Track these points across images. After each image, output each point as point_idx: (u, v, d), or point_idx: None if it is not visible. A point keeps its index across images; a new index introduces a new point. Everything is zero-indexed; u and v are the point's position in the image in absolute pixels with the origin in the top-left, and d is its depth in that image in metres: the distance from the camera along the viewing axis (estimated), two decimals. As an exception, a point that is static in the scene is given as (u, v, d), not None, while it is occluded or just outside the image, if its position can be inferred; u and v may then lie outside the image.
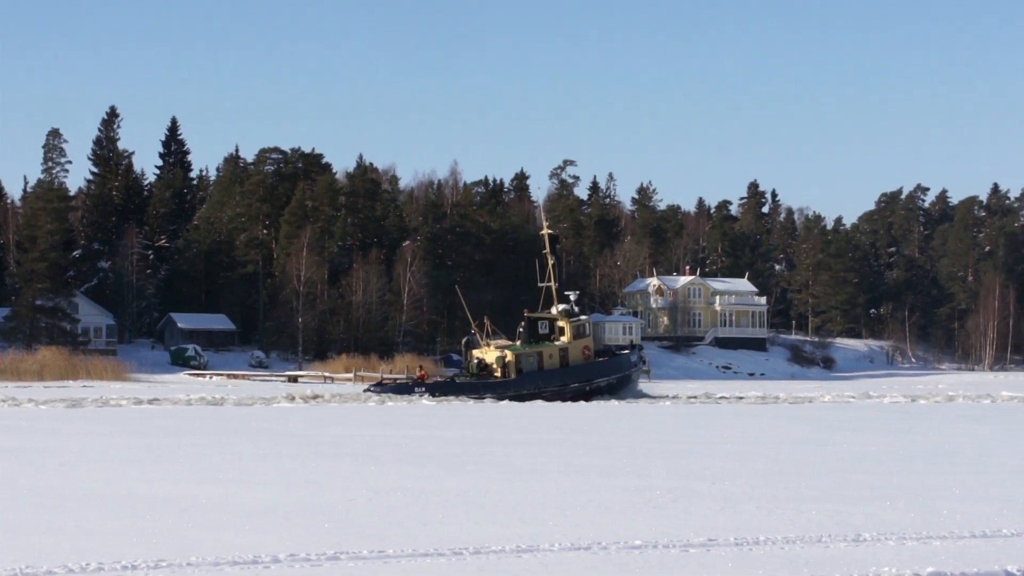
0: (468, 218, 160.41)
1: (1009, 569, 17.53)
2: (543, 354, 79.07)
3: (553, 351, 79.42)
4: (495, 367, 77.90)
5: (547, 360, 79.04)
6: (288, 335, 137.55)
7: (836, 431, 47.70)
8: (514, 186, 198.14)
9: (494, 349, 79.06)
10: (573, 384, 78.44)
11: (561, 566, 17.77)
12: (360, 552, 18.69)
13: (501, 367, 77.70)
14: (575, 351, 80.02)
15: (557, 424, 51.46)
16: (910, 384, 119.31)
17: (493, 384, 76.13)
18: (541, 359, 78.92)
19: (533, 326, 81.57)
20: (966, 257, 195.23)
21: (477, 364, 78.57)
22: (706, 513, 22.97)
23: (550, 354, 79.24)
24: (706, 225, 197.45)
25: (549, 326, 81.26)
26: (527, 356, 78.58)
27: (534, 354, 78.86)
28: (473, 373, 78.32)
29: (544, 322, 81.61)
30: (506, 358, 77.71)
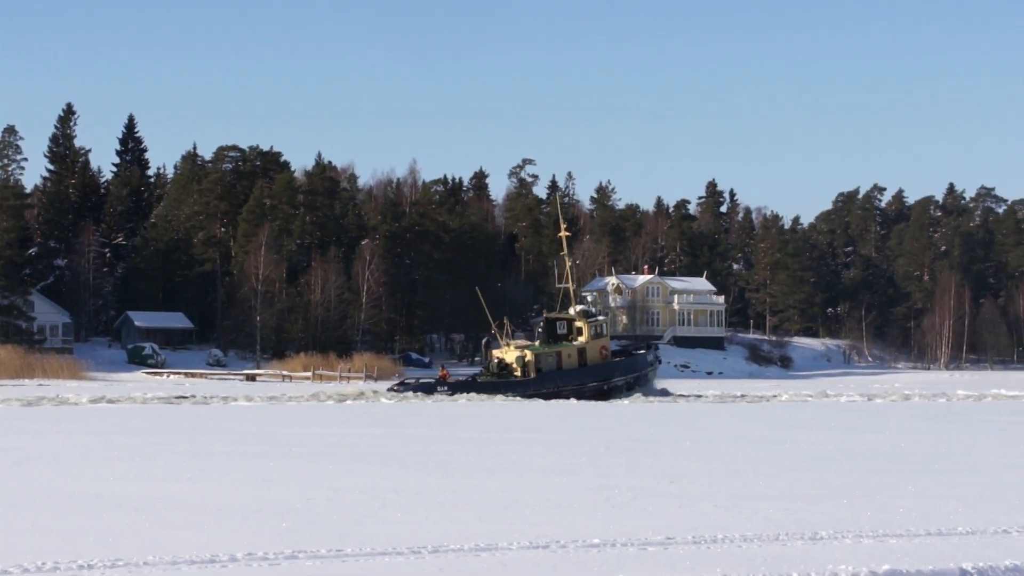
0: (427, 217, 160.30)
1: (964, 567, 17.63)
2: (562, 354, 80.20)
3: (572, 351, 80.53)
4: (515, 367, 78.89)
5: (565, 360, 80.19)
6: (246, 334, 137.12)
7: (793, 430, 47.88)
8: (473, 185, 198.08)
9: (514, 349, 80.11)
10: (591, 383, 79.48)
11: (520, 565, 17.77)
12: (318, 551, 18.65)
13: (521, 367, 78.69)
14: (593, 351, 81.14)
15: (517, 423, 51.46)
16: (867, 383, 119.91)
17: (514, 383, 77.20)
18: (560, 359, 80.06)
19: (552, 326, 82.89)
20: (922, 257, 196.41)
21: (497, 364, 79.78)
22: (664, 512, 23.02)
23: (568, 354, 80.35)
24: (664, 224, 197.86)
25: (567, 326, 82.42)
26: (546, 356, 79.69)
27: (553, 354, 79.96)
28: (493, 373, 79.44)
29: (563, 322, 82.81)
30: (526, 358, 78.83)
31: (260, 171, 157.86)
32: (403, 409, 62.97)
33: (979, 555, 18.62)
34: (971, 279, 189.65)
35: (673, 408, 66.74)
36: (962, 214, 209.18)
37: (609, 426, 49.83)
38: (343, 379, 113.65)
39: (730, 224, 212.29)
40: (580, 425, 50.37)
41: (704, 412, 62.44)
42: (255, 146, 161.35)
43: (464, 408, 64.66)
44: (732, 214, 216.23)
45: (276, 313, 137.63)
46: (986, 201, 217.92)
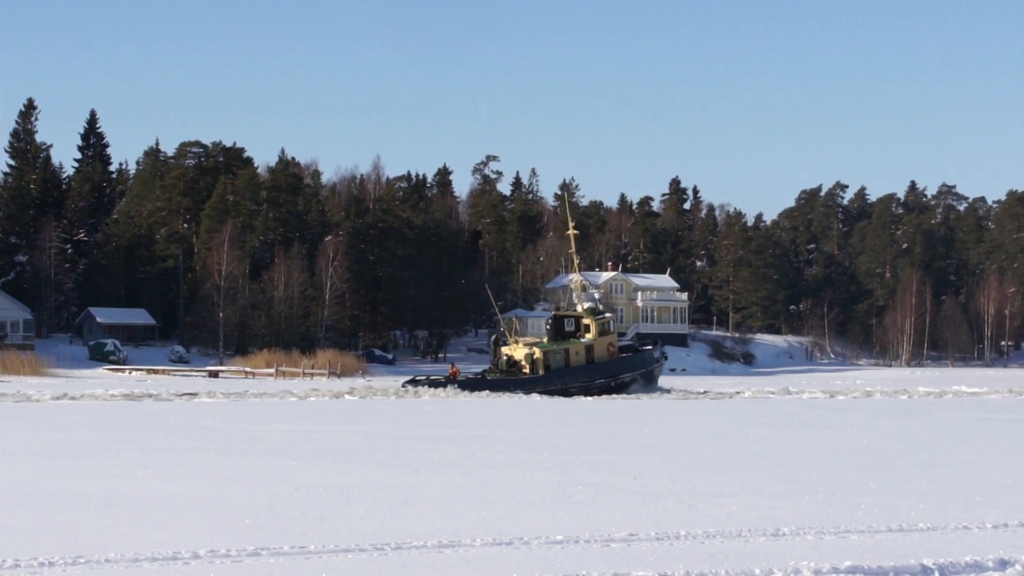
0: (391, 213, 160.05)
1: (925, 563, 17.73)
2: (570, 351, 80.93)
3: (579, 348, 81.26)
4: (524, 364, 79.68)
5: (573, 357, 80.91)
6: (209, 330, 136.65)
7: (756, 426, 48.04)
8: (437, 181, 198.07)
9: (523, 346, 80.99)
10: (599, 380, 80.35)
11: (483, 561, 17.78)
12: (281, 548, 18.61)
13: (530, 364, 79.48)
14: (600, 348, 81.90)
15: (480, 419, 51.46)
16: (829, 380, 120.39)
17: (523, 380, 77.98)
18: (568, 356, 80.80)
19: (560, 323, 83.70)
20: (884, 254, 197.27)
21: (506, 361, 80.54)
22: (627, 508, 23.06)
23: (576, 351, 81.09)
24: (628, 221, 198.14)
25: (575, 323, 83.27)
26: (554, 353, 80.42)
27: (561, 351, 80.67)
28: (503, 370, 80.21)
29: (570, 320, 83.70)
30: (534, 355, 79.57)
31: (223, 167, 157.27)
32: (367, 406, 62.88)
33: (940, 551, 18.73)
34: (932, 276, 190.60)
35: (635, 405, 66.85)
36: (924, 212, 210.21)
37: (572, 423, 49.87)
38: (306, 376, 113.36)
39: (693, 221, 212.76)
40: (544, 422, 50.41)
41: (667, 409, 62.57)
42: (218, 142, 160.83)
43: (429, 405, 64.60)
44: (695, 211, 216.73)
45: (239, 309, 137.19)
46: (947, 199, 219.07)
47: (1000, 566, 17.79)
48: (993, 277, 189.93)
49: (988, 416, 56.59)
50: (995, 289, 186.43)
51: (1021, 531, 20.82)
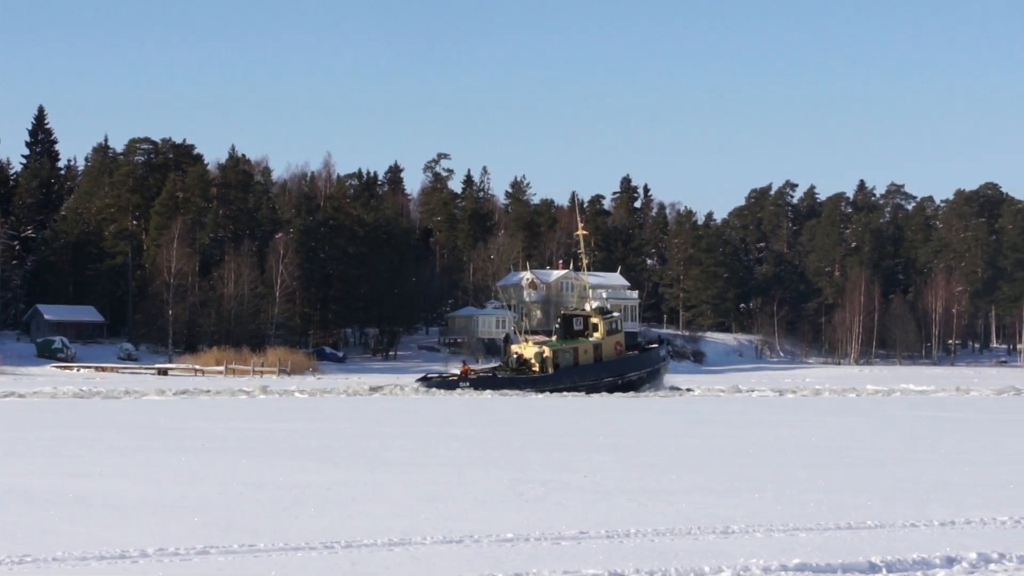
0: (342, 210, 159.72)
1: (873, 560, 17.83)
2: (578, 350, 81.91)
3: (588, 347, 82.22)
4: (533, 362, 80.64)
5: (582, 356, 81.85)
6: (158, 327, 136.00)
7: (706, 424, 48.21)
8: (388, 179, 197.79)
9: (532, 345, 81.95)
10: (607, 378, 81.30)
11: (433, 559, 17.77)
12: (230, 546, 18.54)
13: (539, 362, 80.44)
14: (608, 347, 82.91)
15: (431, 417, 51.41)
16: (778, 378, 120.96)
17: (533, 379, 78.91)
18: (576, 354, 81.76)
19: (568, 323, 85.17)
20: (833, 253, 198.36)
21: (516, 359, 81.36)
22: (578, 506, 23.09)
23: (585, 350, 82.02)
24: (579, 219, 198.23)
25: (583, 323, 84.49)
26: (563, 352, 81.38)
27: (570, 350, 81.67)
28: (513, 368, 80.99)
29: (579, 319, 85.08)
30: (544, 354, 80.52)
31: (173, 164, 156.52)
32: (318, 403, 62.72)
33: (887, 548, 18.84)
34: (881, 275, 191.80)
35: (586, 403, 66.93)
36: (872, 210, 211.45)
37: (523, 420, 49.90)
38: (256, 373, 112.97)
39: (644, 219, 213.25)
40: (495, 420, 50.41)
41: (617, 406, 62.69)
42: (167, 138, 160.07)
43: (380, 403, 64.51)
44: (646, 209, 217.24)
45: (188, 307, 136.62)
46: (896, 198, 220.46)
47: (947, 563, 17.92)
48: (941, 276, 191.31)
49: (935, 414, 57.00)
50: (942, 288, 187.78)
51: (968, 529, 20.98)
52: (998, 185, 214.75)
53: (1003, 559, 18.24)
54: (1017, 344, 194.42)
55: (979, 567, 17.85)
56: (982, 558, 18.20)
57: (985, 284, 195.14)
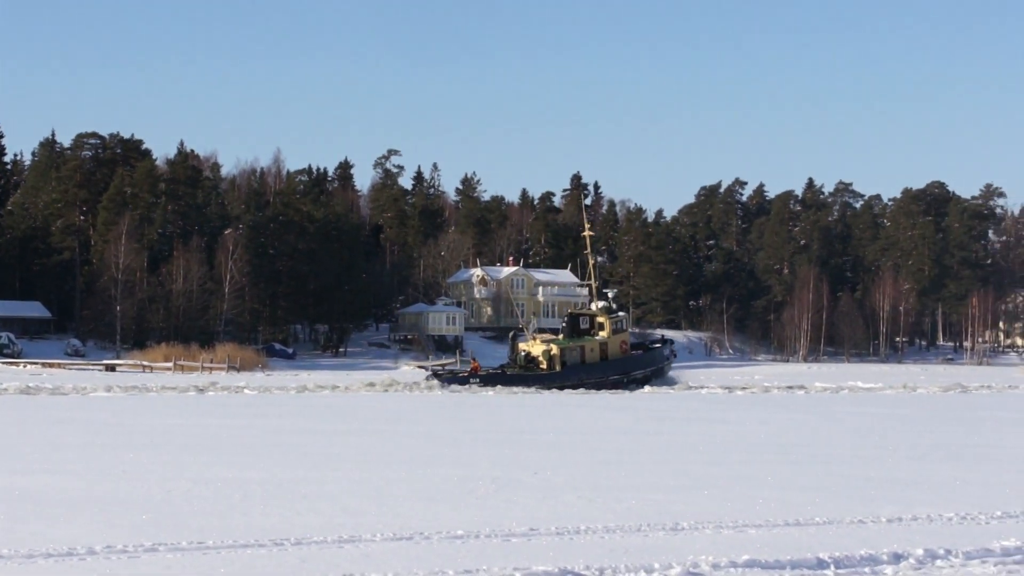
0: (291, 207, 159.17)
1: (821, 556, 17.92)
2: (585, 348, 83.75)
3: (594, 345, 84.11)
4: (541, 360, 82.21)
5: (588, 354, 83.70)
6: (106, 323, 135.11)
7: (656, 421, 48.35)
8: (338, 175, 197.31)
9: (540, 343, 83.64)
10: (613, 376, 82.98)
11: (383, 556, 17.74)
12: (179, 543, 18.44)
13: (547, 360, 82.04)
14: (614, 345, 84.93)
15: (380, 414, 51.35)
16: (727, 375, 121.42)
17: (541, 376, 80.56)
18: (583, 352, 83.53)
19: (575, 322, 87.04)
20: (782, 250, 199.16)
21: (524, 357, 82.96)
22: (528, 503, 23.11)
23: (591, 348, 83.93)
24: (530, 216, 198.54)
25: (590, 322, 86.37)
26: (571, 350, 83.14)
27: (577, 348, 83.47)
28: (521, 365, 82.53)
29: (585, 318, 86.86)
30: (551, 351, 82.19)
31: (121, 159, 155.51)
32: (266, 400, 62.52)
33: (835, 545, 18.94)
34: (829, 273, 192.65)
35: (536, 399, 67.02)
36: (821, 208, 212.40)
37: (473, 417, 49.91)
38: (205, 370, 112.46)
39: (594, 217, 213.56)
40: (444, 416, 50.39)
41: (567, 403, 62.78)
42: (115, 133, 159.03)
43: (329, 399, 64.37)
44: (596, 207, 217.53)
45: (137, 303, 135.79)
46: (844, 196, 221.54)
47: (894, 559, 18.03)
48: (888, 274, 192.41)
49: (883, 411, 57.36)
50: (890, 286, 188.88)
51: (915, 525, 21.12)
52: (944, 184, 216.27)
53: (949, 555, 18.37)
54: (963, 342, 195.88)
55: (926, 563, 17.98)
56: (929, 554, 18.33)
57: (932, 282, 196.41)
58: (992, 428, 45.99)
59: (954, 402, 68.14)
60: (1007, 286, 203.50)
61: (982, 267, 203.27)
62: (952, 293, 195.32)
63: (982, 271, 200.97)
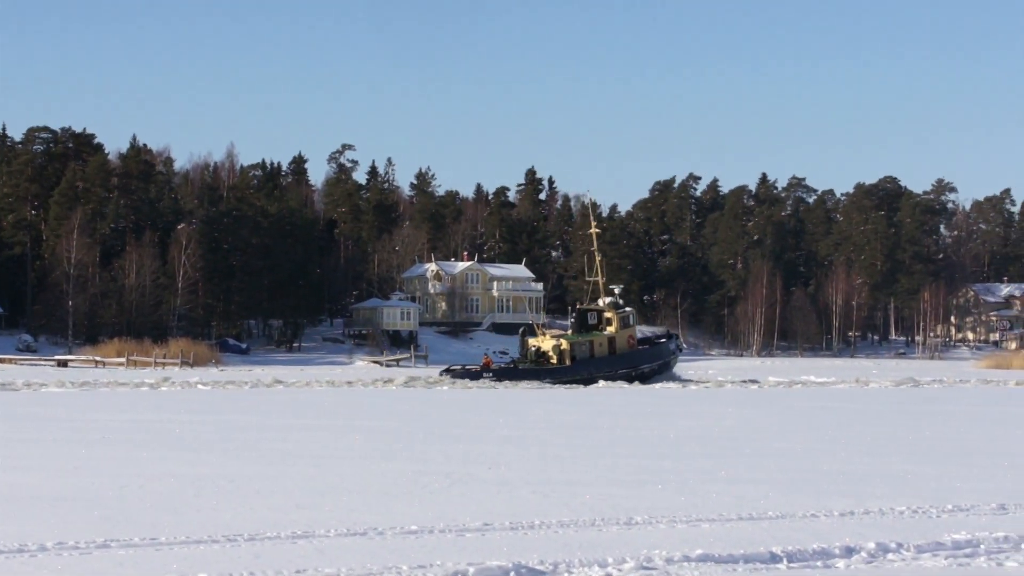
0: (245, 201, 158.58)
1: (774, 550, 18.00)
2: (594, 343, 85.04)
3: (603, 340, 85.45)
4: (551, 355, 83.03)
5: (597, 348, 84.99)
6: (58, 319, 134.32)
7: (610, 416, 48.44)
8: (292, 170, 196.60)
9: (550, 338, 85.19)
10: (621, 370, 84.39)
11: (337, 552, 17.70)
12: (131, 539, 18.35)
13: (557, 355, 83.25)
14: (621, 340, 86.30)
15: (334, 409, 51.25)
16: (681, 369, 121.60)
17: (552, 370, 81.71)
18: (592, 347, 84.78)
19: (583, 317, 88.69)
20: (735, 245, 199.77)
21: (535, 352, 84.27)
22: (482, 498, 23.12)
23: (600, 343, 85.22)
24: (484, 211, 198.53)
25: (598, 317, 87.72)
26: (580, 344, 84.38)
27: (586, 343, 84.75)
28: (532, 360, 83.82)
29: (593, 313, 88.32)
30: (561, 346, 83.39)
31: (73, 153, 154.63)
32: (220, 396, 62.30)
33: (788, 539, 19.03)
34: (782, 268, 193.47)
35: (489, 394, 67.04)
36: (774, 204, 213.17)
37: (426, 412, 49.87)
38: (158, 365, 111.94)
39: (549, 211, 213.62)
40: (397, 411, 50.34)
41: (520, 398, 62.84)
42: (67, 128, 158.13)
43: (283, 395, 64.20)
44: (551, 201, 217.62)
45: (89, 298, 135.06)
46: (797, 191, 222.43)
47: (846, 553, 18.13)
48: (841, 268, 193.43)
49: (836, 405, 57.64)
50: (843, 280, 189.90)
51: (867, 519, 21.24)
52: (897, 179, 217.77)
53: (901, 548, 18.49)
54: (915, 336, 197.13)
55: (878, 556, 18.08)
56: (881, 548, 18.44)
57: (884, 277, 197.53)
58: (943, 422, 46.31)
59: (906, 396, 68.56)
60: (958, 281, 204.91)
61: (934, 262, 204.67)
62: (904, 288, 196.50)
63: (934, 266, 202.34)
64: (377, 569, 16.52)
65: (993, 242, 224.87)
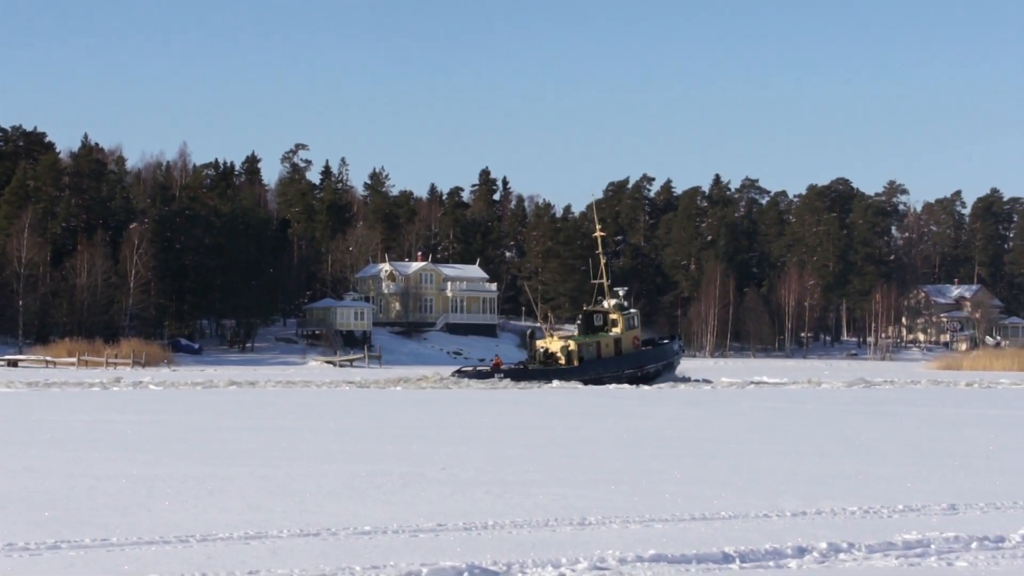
0: (198, 200, 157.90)
1: (727, 551, 18.05)
2: (601, 343, 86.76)
3: (609, 341, 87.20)
4: (560, 356, 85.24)
5: (604, 349, 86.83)
6: (8, 318, 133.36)
7: (563, 416, 48.49)
8: (245, 169, 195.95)
9: (558, 339, 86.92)
10: (627, 370, 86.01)
11: (290, 552, 17.65)
12: (82, 541, 18.23)
13: (565, 356, 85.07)
14: (627, 341, 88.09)
15: (287, 409, 51.10)
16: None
17: (562, 371, 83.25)
18: (599, 348, 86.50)
19: (590, 318, 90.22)
20: (689, 246, 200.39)
21: (543, 353, 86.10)
22: (435, 498, 23.09)
23: (606, 344, 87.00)
24: (438, 211, 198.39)
25: (603, 319, 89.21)
26: (588, 345, 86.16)
27: (593, 344, 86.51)
28: (541, 361, 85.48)
29: (599, 315, 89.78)
30: (570, 348, 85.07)
31: (23, 152, 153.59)
32: (171, 396, 62.00)
33: (741, 539, 19.09)
34: (735, 268, 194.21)
35: (443, 395, 66.99)
36: (727, 205, 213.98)
37: (379, 413, 49.79)
38: (109, 365, 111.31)
39: (503, 212, 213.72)
40: (351, 412, 50.24)
41: (474, 399, 62.82)
42: (17, 126, 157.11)
43: (235, 395, 63.97)
44: (505, 202, 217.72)
45: (40, 297, 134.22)
46: (750, 192, 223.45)
47: (799, 553, 18.20)
48: (794, 269, 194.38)
49: (788, 406, 57.90)
50: (795, 281, 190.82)
51: (819, 519, 21.33)
52: (849, 181, 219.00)
53: (852, 548, 18.58)
54: (867, 337, 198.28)
55: (829, 556, 18.16)
56: (832, 548, 18.52)
57: (836, 278, 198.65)
58: (894, 423, 46.58)
59: (858, 397, 68.93)
60: (909, 282, 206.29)
61: (885, 263, 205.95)
62: (856, 289, 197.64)
63: (885, 267, 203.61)
64: (330, 569, 16.47)
65: (944, 244, 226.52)
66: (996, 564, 17.85)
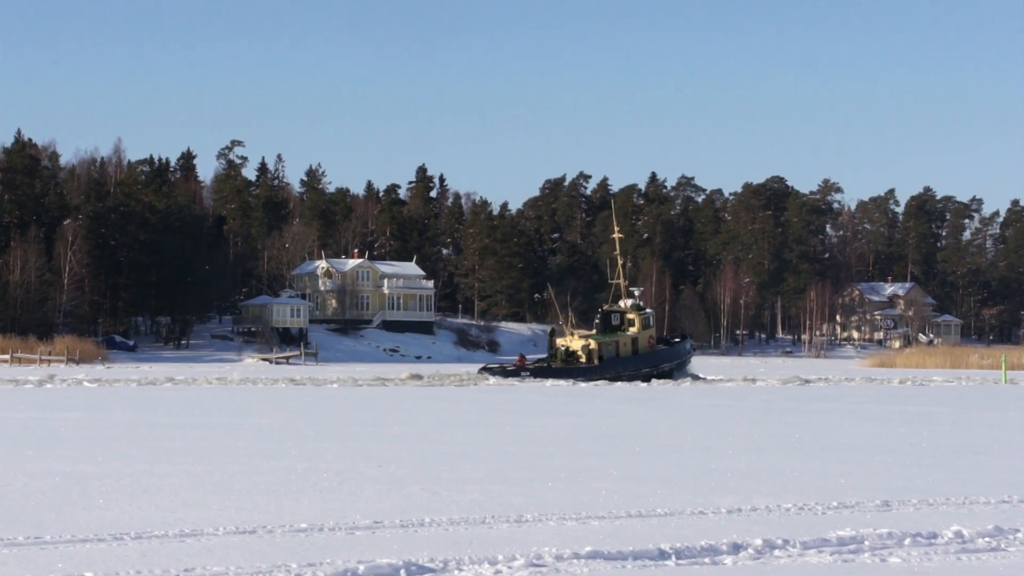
0: (132, 197, 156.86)
1: (663, 547, 18.12)
2: (619, 342, 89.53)
3: (627, 340, 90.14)
4: (580, 354, 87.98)
5: (622, 348, 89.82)
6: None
7: (500, 413, 48.52)
8: (180, 165, 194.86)
9: (577, 338, 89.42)
10: (644, 368, 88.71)
11: (225, 550, 17.57)
12: (15, 539, 18.08)
13: (586, 354, 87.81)
14: (643, 340, 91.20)
15: (222, 406, 50.87)
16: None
17: (583, 369, 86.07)
18: (618, 347, 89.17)
19: (607, 318, 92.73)
20: (625, 244, 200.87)
21: (564, 351, 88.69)
22: (372, 496, 23.06)
23: (624, 343, 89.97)
24: (375, 209, 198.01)
25: (620, 318, 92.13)
26: (607, 344, 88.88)
27: (612, 343, 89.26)
28: (562, 359, 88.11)
29: (616, 314, 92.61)
30: (590, 346, 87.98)
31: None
32: (106, 393, 61.56)
33: (676, 536, 19.17)
34: (671, 266, 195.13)
35: (381, 392, 66.88)
36: (663, 202, 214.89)
37: (315, 410, 49.66)
38: (43, 362, 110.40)
39: (440, 209, 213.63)
40: (287, 409, 50.07)
41: (411, 396, 62.75)
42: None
43: (170, 393, 63.61)
44: (442, 199, 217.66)
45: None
46: (686, 190, 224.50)
47: (734, 549, 18.31)
48: (729, 267, 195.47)
49: (723, 403, 58.17)
50: (731, 279, 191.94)
51: (754, 515, 21.46)
52: (784, 179, 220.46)
53: (787, 545, 18.70)
54: (802, 335, 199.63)
55: (764, 553, 18.27)
56: (767, 544, 18.64)
57: (771, 276, 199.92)
58: (829, 420, 46.91)
59: (793, 394, 69.37)
60: (844, 280, 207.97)
61: (820, 261, 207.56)
62: (791, 287, 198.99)
63: (820, 265, 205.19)
64: (266, 567, 16.42)
65: (878, 242, 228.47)
66: (929, 560, 18.03)
